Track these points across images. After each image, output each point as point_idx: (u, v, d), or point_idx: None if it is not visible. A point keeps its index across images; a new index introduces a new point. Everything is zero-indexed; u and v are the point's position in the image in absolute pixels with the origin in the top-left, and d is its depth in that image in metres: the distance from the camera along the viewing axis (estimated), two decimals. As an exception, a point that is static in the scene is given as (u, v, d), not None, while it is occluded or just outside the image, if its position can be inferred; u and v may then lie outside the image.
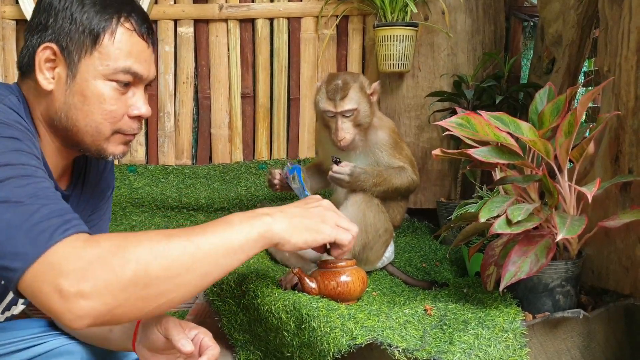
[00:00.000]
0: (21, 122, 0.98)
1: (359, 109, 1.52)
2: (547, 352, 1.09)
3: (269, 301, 1.24)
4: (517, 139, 1.10)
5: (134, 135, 1.11)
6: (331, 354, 1.02)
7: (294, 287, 1.31)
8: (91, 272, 0.82)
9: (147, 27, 1.09)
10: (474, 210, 1.39)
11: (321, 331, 1.07)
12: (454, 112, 1.19)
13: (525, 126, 1.10)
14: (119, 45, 1.04)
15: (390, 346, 0.99)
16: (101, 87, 1.04)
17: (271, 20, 2.38)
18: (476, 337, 1.00)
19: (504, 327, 1.03)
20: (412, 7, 2.05)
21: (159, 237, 0.89)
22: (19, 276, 0.81)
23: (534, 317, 1.10)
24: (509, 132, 1.09)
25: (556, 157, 1.09)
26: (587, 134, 1.16)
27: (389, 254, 1.59)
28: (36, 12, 1.06)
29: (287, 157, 2.44)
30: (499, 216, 1.04)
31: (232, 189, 2.32)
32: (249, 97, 2.43)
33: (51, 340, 1.17)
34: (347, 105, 1.50)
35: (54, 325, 1.22)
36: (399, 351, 0.98)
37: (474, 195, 1.58)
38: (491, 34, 2.24)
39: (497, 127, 1.09)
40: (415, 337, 1.03)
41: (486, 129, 1.09)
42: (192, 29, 2.37)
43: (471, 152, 1.08)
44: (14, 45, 2.31)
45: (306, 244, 1.05)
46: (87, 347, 1.17)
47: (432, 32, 2.22)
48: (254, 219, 0.99)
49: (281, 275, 1.41)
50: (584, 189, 1.00)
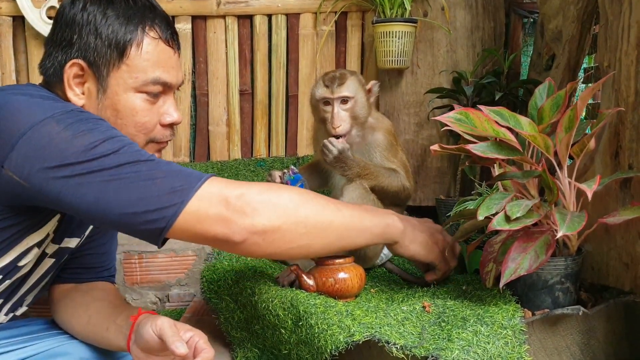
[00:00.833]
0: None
1: (356, 99, 1.50)
2: (547, 349, 1.08)
3: (266, 298, 1.23)
4: (516, 135, 1.09)
5: (166, 142, 1.13)
6: (329, 351, 1.02)
7: (292, 284, 1.31)
8: (255, 196, 0.96)
9: (171, 32, 1.10)
10: (472, 207, 1.38)
11: (318, 328, 1.06)
12: (452, 110, 1.19)
13: (525, 121, 1.09)
14: (146, 56, 1.05)
15: (388, 343, 0.98)
16: (132, 100, 1.05)
17: (269, 16, 2.37)
18: (475, 334, 0.99)
19: (503, 324, 1.02)
20: (407, 4, 2.04)
21: (308, 192, 1.05)
22: (182, 208, 0.91)
23: (533, 314, 1.09)
24: (508, 127, 1.08)
25: (556, 153, 1.08)
26: (587, 131, 1.15)
27: (387, 250, 1.58)
28: (58, 26, 1.05)
29: (285, 154, 2.43)
30: (497, 213, 1.03)
31: (230, 187, 2.31)
32: (247, 94, 2.42)
33: (49, 339, 1.17)
34: (344, 91, 1.49)
35: (52, 324, 1.22)
36: (396, 348, 0.97)
37: (472, 192, 1.57)
38: (491, 31, 2.23)
39: (496, 122, 1.08)
40: (413, 334, 1.03)
41: (485, 125, 1.08)
42: (189, 26, 2.36)
43: (470, 147, 1.07)
44: (11, 42, 2.29)
45: (416, 255, 1.18)
46: (84, 346, 1.16)
47: (431, 28, 2.21)
48: (385, 214, 1.14)
49: (279, 272, 1.40)
50: (583, 186, 0.99)
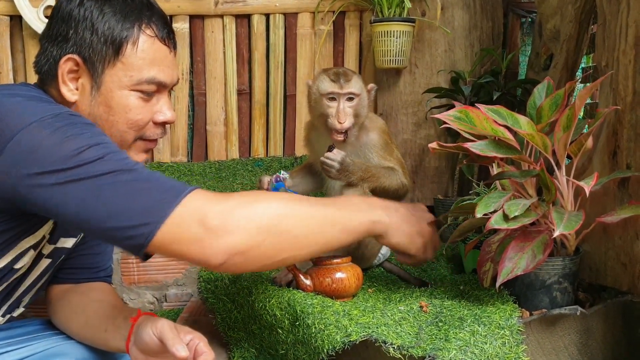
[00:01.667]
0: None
1: (361, 97, 1.50)
2: (544, 349, 1.08)
3: (264, 298, 1.23)
4: (515, 134, 1.09)
5: (155, 141, 1.11)
6: (325, 351, 1.01)
7: (289, 284, 1.30)
8: (234, 212, 0.92)
9: (168, 30, 1.09)
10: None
11: (315, 328, 1.06)
12: (451, 108, 1.18)
13: (523, 120, 1.08)
14: (142, 55, 1.04)
15: (385, 343, 0.98)
16: (126, 98, 1.04)
17: (267, 15, 2.36)
18: (472, 334, 0.98)
19: (500, 324, 1.01)
20: (407, 2, 2.04)
21: (292, 198, 1.04)
22: (158, 227, 0.87)
23: (531, 314, 1.09)
24: (506, 126, 1.08)
25: (554, 152, 1.08)
26: (585, 130, 1.15)
27: (385, 250, 1.58)
28: (54, 21, 1.04)
29: (283, 154, 2.42)
30: (496, 211, 1.03)
31: (228, 187, 2.30)
32: (245, 94, 2.41)
33: (46, 340, 1.16)
34: (353, 87, 1.48)
35: (49, 325, 1.22)
36: (393, 348, 0.97)
37: (470, 192, 1.56)
38: (489, 30, 2.23)
39: (494, 120, 1.07)
40: (410, 334, 1.02)
41: (484, 123, 1.08)
42: (187, 25, 2.35)
43: (468, 145, 1.06)
44: (8, 42, 2.28)
45: (398, 246, 1.17)
46: (81, 347, 1.16)
47: (429, 28, 2.20)
48: (371, 208, 1.12)
49: (276, 272, 1.40)
50: (581, 183, 0.99)
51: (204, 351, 0.95)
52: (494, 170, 1.18)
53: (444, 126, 1.11)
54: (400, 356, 0.96)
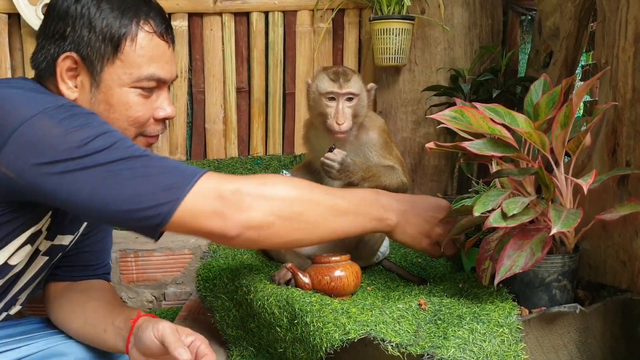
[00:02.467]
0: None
1: (361, 97, 1.49)
2: (544, 347, 1.07)
3: (262, 296, 1.22)
4: (512, 132, 1.09)
5: (156, 137, 1.11)
6: (324, 349, 1.01)
7: (288, 283, 1.30)
8: (250, 190, 0.96)
9: (166, 25, 1.09)
10: (469, 204, 1.37)
11: (314, 326, 1.06)
12: (451, 106, 1.18)
13: (520, 118, 1.08)
14: (141, 51, 1.03)
15: (383, 341, 0.98)
16: (126, 95, 1.04)
17: (266, 13, 2.36)
18: (471, 332, 0.98)
19: (499, 322, 1.01)
20: (407, 0, 2.03)
21: (306, 184, 1.06)
22: (177, 205, 0.90)
23: (530, 312, 1.09)
24: (504, 125, 1.08)
25: (552, 149, 1.08)
26: (583, 127, 1.15)
27: (384, 249, 1.58)
28: (50, 18, 1.03)
29: (282, 152, 2.42)
30: (494, 209, 1.03)
31: (227, 185, 2.30)
32: (244, 92, 2.41)
33: (45, 339, 1.16)
34: (352, 87, 1.47)
35: (47, 324, 1.21)
36: (392, 346, 0.97)
37: (470, 190, 1.56)
38: (488, 28, 2.22)
39: (491, 119, 1.07)
40: (409, 332, 1.02)
41: (480, 122, 1.07)
42: (186, 23, 2.35)
43: (465, 144, 1.06)
44: (7, 39, 2.28)
45: (404, 243, 1.21)
46: (80, 347, 1.16)
47: (428, 25, 2.20)
48: (381, 205, 1.14)
49: (275, 270, 1.40)
50: (580, 181, 0.99)
51: (205, 353, 0.95)
52: (493, 168, 1.18)
53: (441, 125, 1.10)
54: (398, 354, 0.96)
